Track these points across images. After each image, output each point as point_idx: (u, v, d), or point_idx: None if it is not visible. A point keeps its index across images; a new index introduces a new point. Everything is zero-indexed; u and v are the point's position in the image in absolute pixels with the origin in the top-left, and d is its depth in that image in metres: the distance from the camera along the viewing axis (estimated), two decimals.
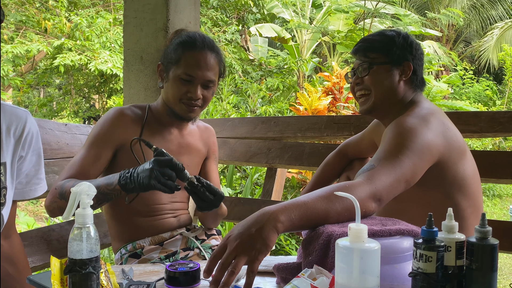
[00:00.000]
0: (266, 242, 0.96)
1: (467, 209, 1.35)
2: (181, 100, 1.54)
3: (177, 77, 1.52)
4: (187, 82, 1.52)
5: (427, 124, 1.30)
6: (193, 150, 1.69)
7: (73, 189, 0.91)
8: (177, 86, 1.53)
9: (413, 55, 1.48)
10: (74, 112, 9.68)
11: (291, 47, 9.92)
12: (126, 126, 1.56)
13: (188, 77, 1.51)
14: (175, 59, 1.54)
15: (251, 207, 2.27)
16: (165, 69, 1.57)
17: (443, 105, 6.57)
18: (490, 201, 7.59)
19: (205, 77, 1.53)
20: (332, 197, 1.07)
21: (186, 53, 1.53)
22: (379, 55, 1.47)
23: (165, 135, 1.63)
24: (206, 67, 1.53)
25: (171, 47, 1.57)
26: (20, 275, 1.29)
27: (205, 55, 1.54)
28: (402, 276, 0.93)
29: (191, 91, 1.52)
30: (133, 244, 1.58)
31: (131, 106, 1.63)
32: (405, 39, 1.48)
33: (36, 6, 7.98)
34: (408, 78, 1.46)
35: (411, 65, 1.46)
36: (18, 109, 1.29)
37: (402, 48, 1.46)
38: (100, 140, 1.53)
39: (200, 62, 1.52)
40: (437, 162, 1.30)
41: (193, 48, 1.53)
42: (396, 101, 1.47)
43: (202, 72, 1.52)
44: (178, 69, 1.52)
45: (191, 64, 1.52)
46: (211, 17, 8.90)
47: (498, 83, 13.17)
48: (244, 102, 8.00)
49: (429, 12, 10.75)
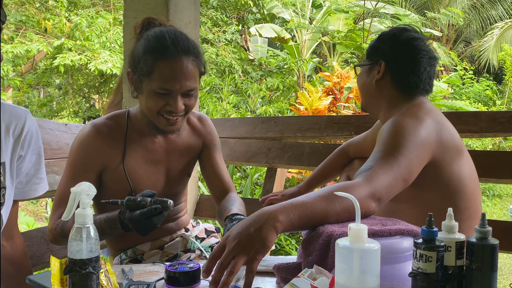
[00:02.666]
0: (265, 242, 0.96)
1: (465, 211, 1.35)
2: (159, 113, 1.37)
3: (151, 91, 1.34)
4: (164, 95, 1.34)
5: (420, 123, 1.30)
6: (183, 150, 1.56)
7: (73, 189, 0.91)
8: (153, 100, 1.35)
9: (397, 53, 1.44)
10: (74, 112, 9.68)
11: (291, 47, 9.92)
12: (105, 148, 1.43)
13: (165, 91, 1.34)
14: (147, 71, 1.34)
15: (251, 207, 2.26)
16: (137, 79, 1.38)
17: (443, 105, 6.57)
18: (490, 201, 7.59)
19: (184, 87, 1.35)
20: (332, 197, 1.07)
21: (158, 64, 1.33)
22: (367, 56, 1.51)
23: (148, 147, 1.49)
24: (184, 76, 1.34)
25: (139, 51, 1.37)
26: (22, 276, 1.29)
27: (180, 63, 1.33)
28: (402, 276, 0.93)
29: (170, 104, 1.35)
30: (133, 250, 1.55)
31: (108, 119, 1.46)
32: (393, 37, 1.46)
33: (36, 6, 7.97)
34: (388, 78, 1.44)
35: (382, 64, 1.45)
36: (18, 108, 1.29)
37: (378, 47, 1.47)
38: (81, 168, 1.41)
39: (176, 73, 1.33)
40: (430, 161, 1.30)
41: (165, 56, 1.33)
42: (376, 101, 1.49)
43: (180, 83, 1.33)
44: (152, 83, 1.33)
45: (166, 77, 1.32)
46: (211, 17, 8.90)
47: (498, 83, 13.16)
48: (244, 102, 8.00)
49: (429, 12, 10.75)
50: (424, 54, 1.43)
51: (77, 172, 1.41)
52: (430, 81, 1.45)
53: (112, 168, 1.45)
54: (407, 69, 1.43)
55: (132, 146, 1.47)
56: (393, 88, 1.45)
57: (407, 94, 1.43)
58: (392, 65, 1.44)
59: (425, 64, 1.43)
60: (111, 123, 1.46)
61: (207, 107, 5.94)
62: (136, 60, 1.38)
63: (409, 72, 1.42)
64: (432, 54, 1.46)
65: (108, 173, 1.45)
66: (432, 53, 1.46)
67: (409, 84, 1.43)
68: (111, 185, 1.46)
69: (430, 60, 1.44)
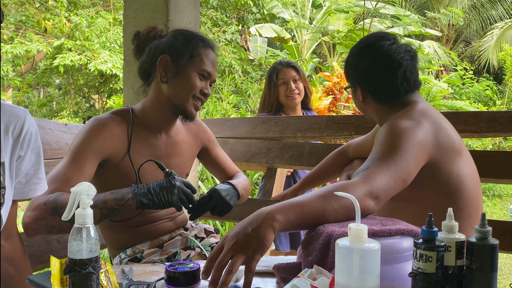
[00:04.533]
0: (263, 242, 0.96)
1: (465, 210, 1.35)
2: (194, 96, 1.50)
3: (194, 72, 1.48)
4: (204, 78, 1.51)
5: (418, 125, 1.31)
6: (183, 148, 1.64)
7: (73, 189, 0.91)
8: (193, 82, 1.48)
9: (368, 76, 1.44)
10: (74, 112, 9.68)
11: (291, 47, 9.92)
12: (112, 139, 1.45)
13: (206, 73, 1.50)
14: (190, 54, 1.48)
15: (251, 207, 2.26)
16: (174, 62, 1.48)
17: (443, 105, 6.58)
18: (490, 201, 7.59)
19: (214, 77, 1.54)
20: (329, 196, 1.07)
21: (203, 50, 1.50)
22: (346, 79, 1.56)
23: (151, 142, 1.55)
24: (216, 67, 1.55)
25: (179, 39, 1.51)
26: (21, 276, 1.29)
27: (214, 56, 1.54)
28: (402, 276, 0.93)
29: (206, 88, 1.51)
30: (132, 249, 1.56)
31: (111, 115, 1.51)
32: (357, 60, 1.45)
33: (36, 6, 7.97)
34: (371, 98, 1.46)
35: (359, 89, 1.47)
36: (17, 108, 1.29)
37: (351, 71, 1.49)
38: (84, 153, 1.40)
39: (214, 62, 1.53)
40: (428, 162, 1.30)
41: (207, 46, 1.52)
42: (370, 116, 1.52)
43: (214, 72, 1.53)
44: (195, 64, 1.48)
45: (208, 62, 1.51)
46: (211, 17, 8.90)
47: (498, 83, 13.16)
48: (244, 102, 7.99)
49: (429, 12, 10.75)
50: (393, 60, 1.40)
51: (80, 156, 1.39)
52: (409, 81, 1.42)
53: (117, 160, 1.47)
54: (383, 86, 1.43)
55: (137, 140, 1.51)
56: (378, 104, 1.47)
57: (394, 104, 1.43)
58: (368, 87, 1.46)
59: (398, 69, 1.40)
60: (116, 117, 1.50)
61: (207, 107, 5.93)
62: (176, 47, 1.49)
63: (387, 87, 1.42)
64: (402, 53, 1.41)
65: (112, 165, 1.46)
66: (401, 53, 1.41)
67: (389, 97, 1.43)
68: (114, 177, 1.47)
69: (400, 63, 1.40)
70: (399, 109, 1.42)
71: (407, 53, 1.42)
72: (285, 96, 2.67)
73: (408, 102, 1.42)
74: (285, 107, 2.71)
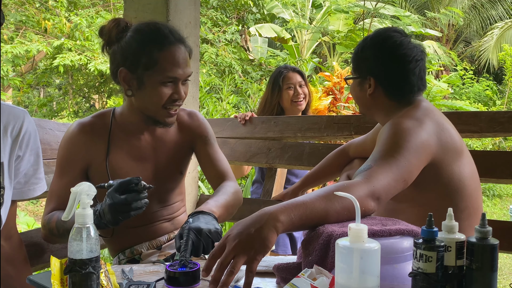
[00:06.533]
0: (265, 242, 0.96)
1: (465, 210, 1.35)
2: (164, 105, 1.40)
3: (156, 83, 1.37)
4: (169, 84, 1.38)
5: (421, 125, 1.31)
6: (171, 147, 1.56)
7: (73, 189, 0.91)
8: (159, 92, 1.37)
9: (384, 67, 1.42)
10: (74, 112, 9.68)
11: (291, 47, 9.92)
12: (89, 145, 1.45)
13: (171, 79, 1.37)
14: (148, 63, 1.35)
15: (251, 207, 2.26)
16: (133, 74, 1.38)
17: (443, 105, 6.57)
18: (490, 201, 7.59)
19: (186, 74, 1.40)
20: (331, 197, 1.07)
21: (161, 55, 1.35)
22: (354, 68, 1.50)
23: (133, 144, 1.50)
24: (185, 63, 1.39)
25: (133, 47, 1.37)
26: (21, 276, 1.29)
27: (180, 51, 1.38)
28: (402, 276, 0.93)
29: (176, 92, 1.39)
30: (130, 250, 1.55)
31: (93, 117, 1.49)
32: (375, 48, 1.44)
33: (36, 6, 7.97)
34: (381, 91, 1.43)
35: (372, 79, 1.44)
36: (16, 109, 1.29)
37: (364, 62, 1.46)
38: (68, 167, 1.44)
39: (179, 61, 1.37)
40: (430, 162, 1.30)
41: (166, 46, 1.36)
42: (374, 111, 1.50)
43: (183, 70, 1.38)
44: (156, 74, 1.36)
45: (171, 65, 1.36)
46: (211, 17, 8.89)
47: (498, 83, 13.16)
48: (244, 102, 7.99)
49: (429, 12, 10.75)
50: (412, 57, 1.41)
51: (64, 170, 1.45)
52: (422, 80, 1.44)
53: (96, 165, 1.47)
54: (398, 79, 1.42)
55: (116, 143, 1.48)
56: (388, 99, 1.45)
57: (403, 101, 1.43)
58: (382, 79, 1.44)
59: (414, 66, 1.41)
60: (96, 121, 1.49)
61: (207, 107, 5.93)
62: (131, 57, 1.37)
63: (401, 81, 1.42)
64: (419, 51, 1.43)
65: (93, 170, 1.48)
66: (418, 51, 1.43)
67: (403, 92, 1.43)
68: (96, 182, 1.43)
69: (418, 61, 1.41)
70: (405, 106, 1.41)
71: (422, 53, 1.45)
72: (289, 101, 2.64)
73: (414, 100, 1.43)
74: (286, 112, 2.67)
